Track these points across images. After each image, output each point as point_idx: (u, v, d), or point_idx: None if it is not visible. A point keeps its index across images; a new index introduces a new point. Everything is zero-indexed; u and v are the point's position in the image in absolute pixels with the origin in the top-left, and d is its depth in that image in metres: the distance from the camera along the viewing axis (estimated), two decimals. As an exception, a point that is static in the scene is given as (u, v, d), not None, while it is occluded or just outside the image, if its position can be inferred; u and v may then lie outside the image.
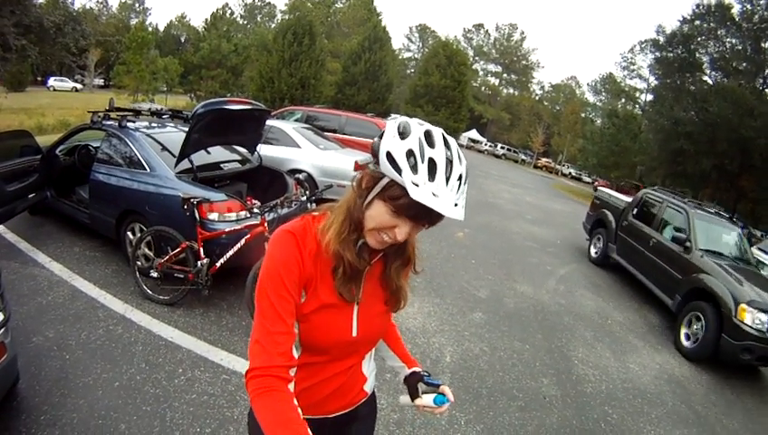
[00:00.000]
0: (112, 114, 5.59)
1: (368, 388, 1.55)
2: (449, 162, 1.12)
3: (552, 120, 62.98)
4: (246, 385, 1.15)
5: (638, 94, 53.20)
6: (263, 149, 6.52)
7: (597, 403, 4.63)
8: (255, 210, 4.51)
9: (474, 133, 56.87)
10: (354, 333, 1.34)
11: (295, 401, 1.14)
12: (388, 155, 1.10)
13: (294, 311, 1.21)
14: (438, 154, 1.10)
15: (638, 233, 8.82)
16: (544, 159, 58.32)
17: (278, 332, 1.17)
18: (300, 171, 8.66)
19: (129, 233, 5.07)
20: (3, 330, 2.60)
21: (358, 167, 8.86)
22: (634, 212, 9.34)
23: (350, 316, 1.33)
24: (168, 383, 3.42)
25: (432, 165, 1.09)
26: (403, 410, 3.66)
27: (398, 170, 1.08)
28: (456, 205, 1.11)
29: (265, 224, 4.43)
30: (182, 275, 4.45)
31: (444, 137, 1.15)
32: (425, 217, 1.13)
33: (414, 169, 1.08)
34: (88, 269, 4.95)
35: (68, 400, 3.07)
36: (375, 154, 1.15)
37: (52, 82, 44.82)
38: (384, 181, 1.14)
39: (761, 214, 29.35)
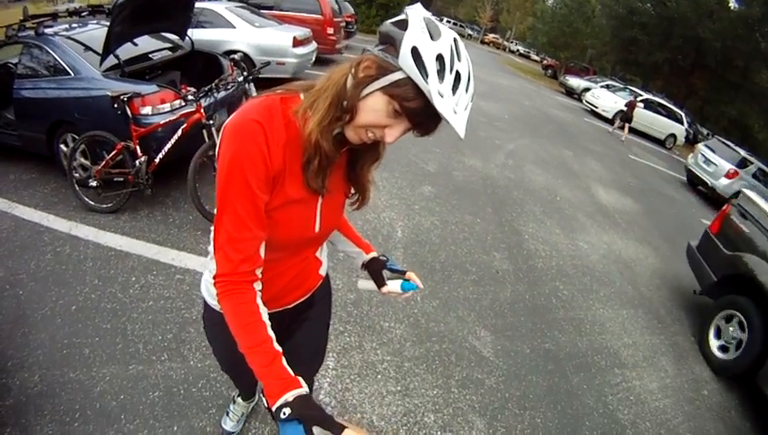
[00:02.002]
0: (28, 24, 5.00)
1: (322, 271, 1.52)
2: (469, 79, 1.02)
3: (501, -4, 60.60)
4: (215, 287, 1.10)
5: (593, -22, 51.60)
6: (196, 34, 6.05)
7: (548, 278, 4.59)
8: (190, 97, 4.23)
9: (418, 7, 54.46)
10: (317, 229, 1.25)
11: (259, 300, 1.10)
12: (415, 51, 0.94)
13: (261, 212, 1.08)
14: (464, 68, 1.00)
15: None
16: (492, 35, 56.72)
17: (242, 238, 1.07)
18: (236, 52, 8.20)
19: (62, 146, 4.66)
20: None
21: (297, 42, 8.78)
22: None
23: (314, 211, 1.22)
24: (123, 295, 3.23)
25: (458, 78, 0.98)
26: (358, 290, 3.48)
27: (425, 73, 0.93)
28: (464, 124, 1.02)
29: (201, 110, 4.18)
30: (122, 179, 4.21)
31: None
32: (427, 125, 1.03)
33: (441, 76, 0.95)
34: (26, 194, 4.46)
35: (30, 337, 2.84)
36: (389, 41, 0.98)
37: (-42, 1, 38.81)
38: (396, 76, 0.96)
39: (709, 113, 30.17)
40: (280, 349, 1.05)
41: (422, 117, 0.99)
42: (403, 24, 0.98)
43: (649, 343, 4.15)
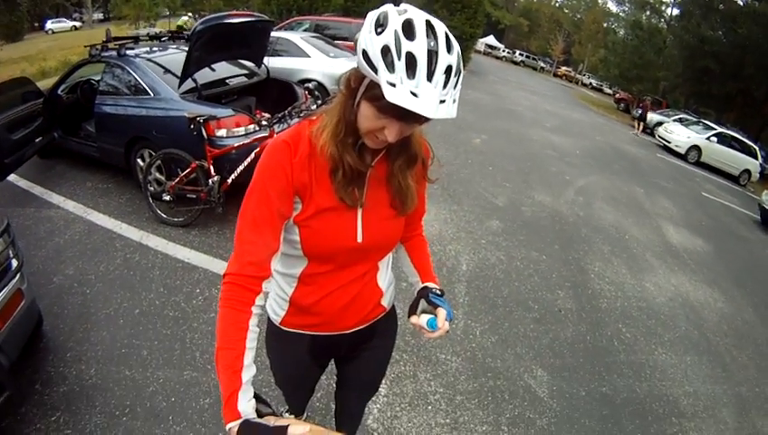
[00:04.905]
0: (111, 45, 5.42)
1: (385, 302, 1.50)
2: (434, 54, 0.96)
3: (572, 29, 58.99)
4: (221, 286, 1.15)
5: (663, 8, 49.70)
6: (271, 62, 6.38)
7: (611, 320, 4.51)
8: (264, 123, 4.49)
9: (491, 39, 54.39)
10: (359, 239, 1.26)
11: (251, 322, 1.13)
12: (364, 53, 0.98)
13: (276, 220, 1.18)
14: (419, 46, 0.95)
15: None
16: (564, 68, 56.01)
17: (254, 241, 1.16)
18: (310, 81, 8.44)
19: (138, 160, 5.00)
20: (18, 277, 2.59)
21: None
22: None
23: (354, 221, 1.25)
24: (186, 305, 3.42)
25: (411, 60, 0.94)
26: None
27: (375, 70, 0.96)
28: (442, 102, 0.98)
29: (275, 135, 4.29)
30: (194, 196, 4.45)
31: (429, 24, 0.99)
32: (412, 116, 0.98)
33: (390, 66, 0.95)
34: (102, 202, 4.87)
35: (91, 334, 3.07)
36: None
37: (49, 24, 41.98)
38: (366, 81, 1.04)
39: (785, 146, 28.48)
40: (246, 378, 1.06)
41: (399, 110, 0.96)
42: None
43: (711, 393, 3.97)
